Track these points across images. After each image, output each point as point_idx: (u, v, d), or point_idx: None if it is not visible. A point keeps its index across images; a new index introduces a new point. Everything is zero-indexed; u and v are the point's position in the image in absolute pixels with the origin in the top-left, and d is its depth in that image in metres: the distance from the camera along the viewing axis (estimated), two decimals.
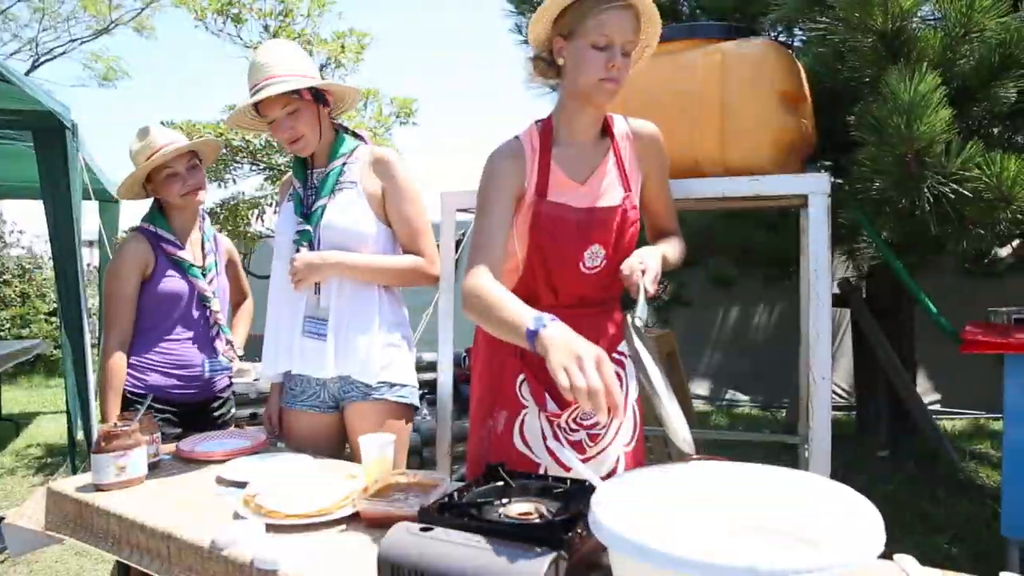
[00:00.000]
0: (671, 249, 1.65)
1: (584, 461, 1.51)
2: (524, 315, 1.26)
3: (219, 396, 2.37)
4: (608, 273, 1.60)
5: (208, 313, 2.28)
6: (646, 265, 1.47)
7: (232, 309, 2.58)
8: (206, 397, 2.32)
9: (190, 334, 2.24)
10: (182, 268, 2.22)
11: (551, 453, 1.59)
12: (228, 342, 2.31)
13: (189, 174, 2.22)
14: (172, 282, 2.21)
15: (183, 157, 2.20)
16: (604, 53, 1.46)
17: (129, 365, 2.20)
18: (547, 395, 1.60)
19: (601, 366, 1.12)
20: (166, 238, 2.22)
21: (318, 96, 1.93)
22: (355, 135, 2.07)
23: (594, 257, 1.57)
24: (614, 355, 1.66)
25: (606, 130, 1.64)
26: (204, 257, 2.30)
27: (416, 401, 2.03)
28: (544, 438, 1.62)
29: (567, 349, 1.15)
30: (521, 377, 1.63)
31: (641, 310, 1.39)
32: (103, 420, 2.10)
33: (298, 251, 1.94)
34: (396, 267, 1.95)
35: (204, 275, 2.26)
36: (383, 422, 1.93)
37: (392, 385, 1.96)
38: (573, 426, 1.62)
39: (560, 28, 1.51)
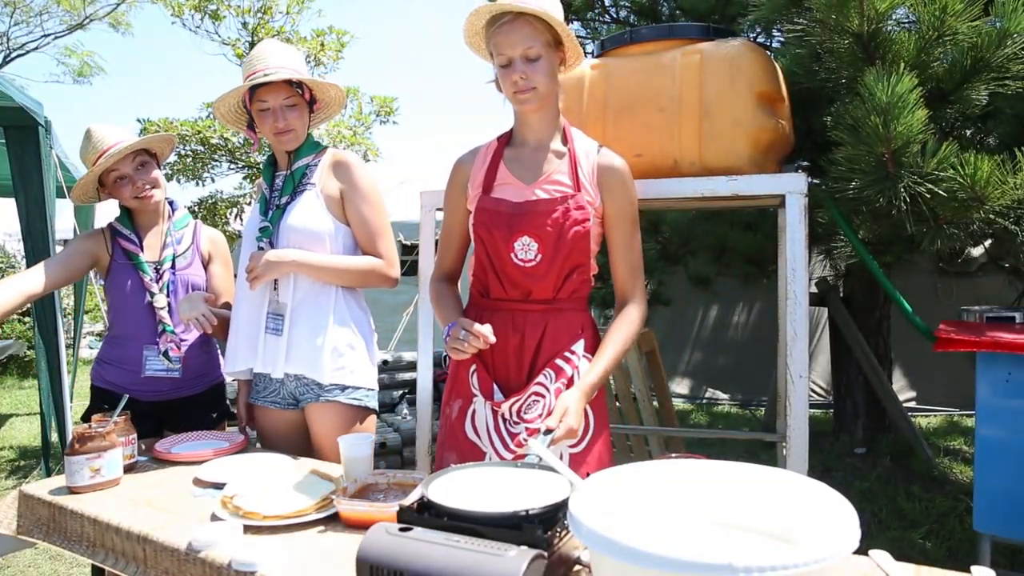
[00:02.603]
0: (613, 349, 1.60)
1: (521, 457, 1.59)
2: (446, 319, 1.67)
3: (195, 397, 2.28)
4: (553, 271, 1.63)
5: (154, 311, 2.19)
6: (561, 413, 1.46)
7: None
8: (172, 398, 2.24)
9: (136, 331, 2.19)
10: (132, 261, 2.20)
11: (506, 445, 1.64)
12: (173, 342, 2.18)
13: (138, 174, 2.16)
14: (121, 275, 2.19)
15: (129, 158, 2.14)
16: (508, 70, 1.59)
17: (96, 361, 2.26)
18: (494, 385, 1.66)
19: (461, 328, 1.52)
20: (123, 233, 2.22)
21: (312, 98, 2.02)
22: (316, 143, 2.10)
23: (525, 250, 1.62)
24: (565, 353, 1.65)
25: (567, 140, 1.70)
26: (161, 251, 2.23)
27: (372, 404, 2.02)
28: (487, 428, 1.68)
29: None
30: (473, 368, 1.70)
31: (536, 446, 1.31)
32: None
33: (260, 248, 1.96)
34: (353, 267, 1.97)
35: (158, 270, 2.20)
36: (339, 423, 1.93)
37: (345, 388, 1.95)
38: (515, 418, 1.65)
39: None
